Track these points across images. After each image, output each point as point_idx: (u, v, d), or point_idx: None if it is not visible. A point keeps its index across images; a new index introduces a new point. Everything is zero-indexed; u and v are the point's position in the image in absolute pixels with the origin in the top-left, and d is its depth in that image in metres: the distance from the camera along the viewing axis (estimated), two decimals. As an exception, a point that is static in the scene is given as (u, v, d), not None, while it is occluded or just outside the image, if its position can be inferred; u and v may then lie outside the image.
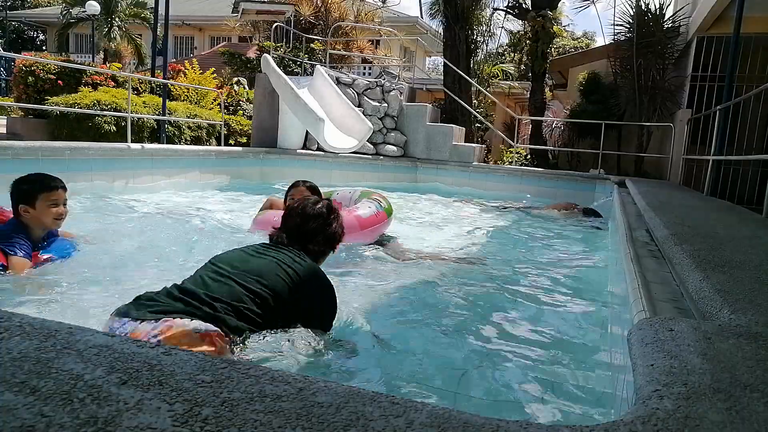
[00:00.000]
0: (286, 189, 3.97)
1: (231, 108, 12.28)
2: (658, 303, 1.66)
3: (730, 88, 6.62)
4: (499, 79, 17.22)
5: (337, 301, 2.11)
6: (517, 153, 11.03)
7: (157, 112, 9.07)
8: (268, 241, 2.25)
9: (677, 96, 9.38)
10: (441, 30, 13.55)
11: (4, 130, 8.95)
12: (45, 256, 2.86)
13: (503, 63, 19.92)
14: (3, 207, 3.03)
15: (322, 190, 3.83)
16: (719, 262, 1.96)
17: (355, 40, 16.35)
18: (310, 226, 2.22)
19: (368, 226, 3.88)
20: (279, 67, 9.29)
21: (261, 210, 4.26)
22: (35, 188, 2.79)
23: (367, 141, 8.78)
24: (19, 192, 2.80)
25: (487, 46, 16.79)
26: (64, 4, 24.78)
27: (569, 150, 10.51)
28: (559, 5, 11.96)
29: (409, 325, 2.50)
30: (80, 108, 8.01)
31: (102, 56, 22.40)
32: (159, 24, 10.09)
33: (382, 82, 9.89)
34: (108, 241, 3.51)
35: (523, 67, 18.03)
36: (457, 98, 10.69)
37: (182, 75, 12.39)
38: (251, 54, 15.41)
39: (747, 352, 1.12)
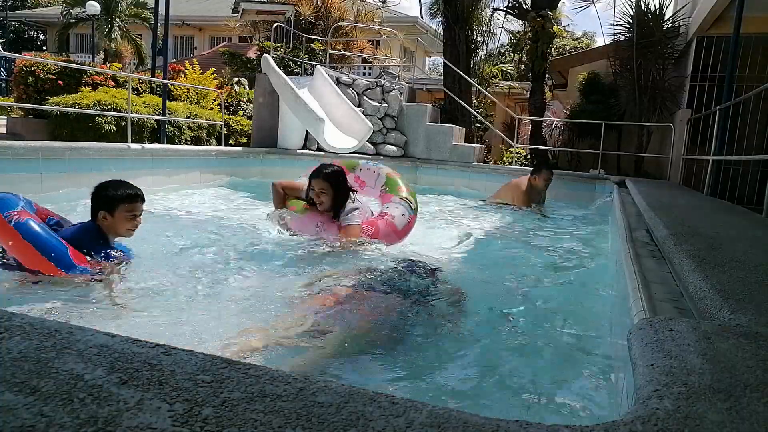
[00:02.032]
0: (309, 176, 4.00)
1: (231, 108, 12.28)
2: (658, 303, 1.66)
3: (730, 88, 6.61)
4: (499, 79, 17.20)
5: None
6: (517, 153, 11.01)
7: (157, 112, 9.07)
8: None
9: (677, 96, 9.37)
10: (441, 30, 13.54)
11: (4, 130, 8.95)
12: (120, 252, 2.85)
13: (503, 63, 19.91)
14: (42, 206, 2.97)
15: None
16: (719, 262, 1.96)
17: (355, 41, 16.34)
18: None
19: (403, 234, 4.15)
20: (279, 67, 9.28)
21: (275, 201, 4.30)
22: (118, 197, 2.78)
23: (367, 141, 8.77)
24: (102, 198, 2.79)
25: (487, 46, 16.76)
26: (64, 4, 24.80)
27: (569, 150, 10.50)
28: (559, 5, 11.94)
29: (408, 325, 2.50)
30: (80, 108, 8.01)
31: (102, 56, 22.41)
32: (159, 24, 10.09)
33: (382, 82, 9.88)
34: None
35: (523, 67, 18.00)
36: (457, 98, 10.68)
37: (182, 75, 12.38)
38: (251, 54, 15.40)
39: (747, 352, 1.12)
